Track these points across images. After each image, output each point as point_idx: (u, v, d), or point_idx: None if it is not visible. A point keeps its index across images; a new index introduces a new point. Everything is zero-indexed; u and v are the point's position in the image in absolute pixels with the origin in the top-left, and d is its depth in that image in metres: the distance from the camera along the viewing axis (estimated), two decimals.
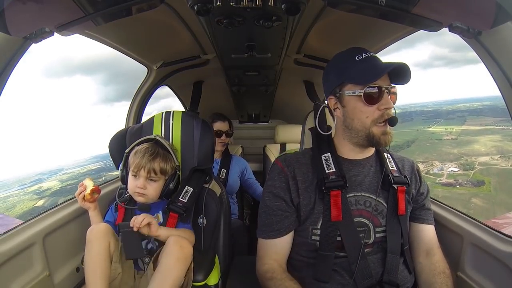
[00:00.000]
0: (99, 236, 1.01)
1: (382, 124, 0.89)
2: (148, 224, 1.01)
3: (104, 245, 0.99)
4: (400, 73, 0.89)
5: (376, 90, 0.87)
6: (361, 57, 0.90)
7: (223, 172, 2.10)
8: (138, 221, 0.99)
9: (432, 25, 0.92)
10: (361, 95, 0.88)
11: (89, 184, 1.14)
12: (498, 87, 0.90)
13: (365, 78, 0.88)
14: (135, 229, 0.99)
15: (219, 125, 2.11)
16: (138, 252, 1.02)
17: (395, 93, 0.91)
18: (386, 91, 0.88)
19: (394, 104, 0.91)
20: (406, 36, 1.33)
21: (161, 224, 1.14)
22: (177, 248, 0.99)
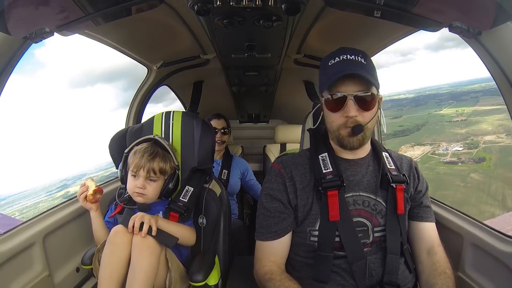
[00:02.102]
0: (124, 241, 0.99)
1: (348, 128, 0.89)
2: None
3: (127, 251, 0.98)
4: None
5: (335, 97, 0.88)
6: (333, 62, 0.90)
7: (224, 173, 2.09)
8: (136, 226, 0.98)
9: (432, 25, 0.92)
10: (328, 100, 0.91)
11: (91, 185, 1.14)
12: (498, 87, 0.90)
13: (323, 86, 0.92)
14: (135, 233, 0.98)
15: (213, 123, 2.11)
16: (171, 240, 1.03)
17: (366, 99, 0.88)
18: (350, 98, 0.87)
19: (370, 109, 0.89)
20: (407, 36, 1.33)
21: None
22: (139, 239, 0.98)
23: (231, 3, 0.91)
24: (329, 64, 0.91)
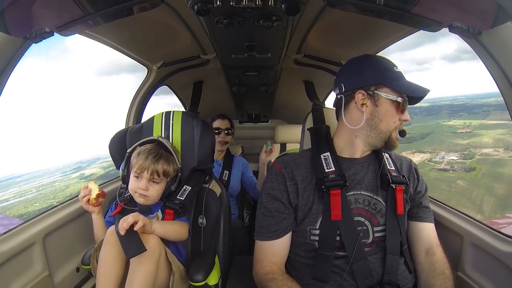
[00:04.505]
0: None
1: (397, 131, 0.96)
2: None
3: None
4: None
5: (405, 101, 0.94)
6: (397, 69, 0.96)
7: (225, 173, 2.09)
8: (128, 222, 0.93)
9: (432, 25, 0.92)
10: (399, 102, 0.93)
11: (94, 188, 1.11)
12: (498, 87, 0.90)
13: (412, 90, 0.94)
14: (121, 233, 0.93)
15: (217, 123, 2.11)
16: (137, 249, 0.93)
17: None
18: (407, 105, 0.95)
19: None
20: (406, 36, 1.33)
21: None
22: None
23: (231, 3, 0.91)
24: (395, 69, 0.96)
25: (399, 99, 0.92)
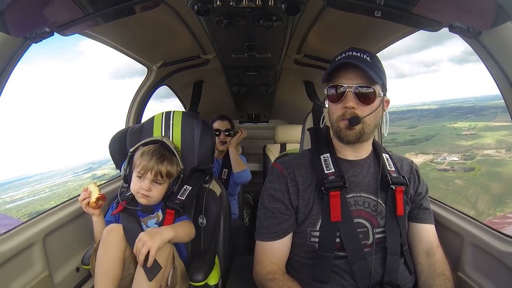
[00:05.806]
0: (118, 239, 0.99)
1: (346, 120, 0.91)
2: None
3: (121, 248, 0.98)
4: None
5: (335, 89, 0.91)
6: (339, 57, 0.93)
7: (224, 172, 2.09)
8: (143, 254, 0.94)
9: (432, 25, 0.92)
10: (329, 93, 0.94)
11: (94, 191, 1.10)
12: (498, 87, 0.90)
13: (323, 78, 0.94)
14: (140, 265, 0.95)
15: (217, 124, 2.12)
16: (154, 269, 0.96)
17: (366, 93, 0.89)
18: (350, 90, 0.89)
19: (369, 104, 0.90)
20: (406, 36, 1.34)
21: (160, 222, 1.14)
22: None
23: (231, 3, 0.91)
24: (336, 59, 0.94)
25: (325, 91, 0.95)
